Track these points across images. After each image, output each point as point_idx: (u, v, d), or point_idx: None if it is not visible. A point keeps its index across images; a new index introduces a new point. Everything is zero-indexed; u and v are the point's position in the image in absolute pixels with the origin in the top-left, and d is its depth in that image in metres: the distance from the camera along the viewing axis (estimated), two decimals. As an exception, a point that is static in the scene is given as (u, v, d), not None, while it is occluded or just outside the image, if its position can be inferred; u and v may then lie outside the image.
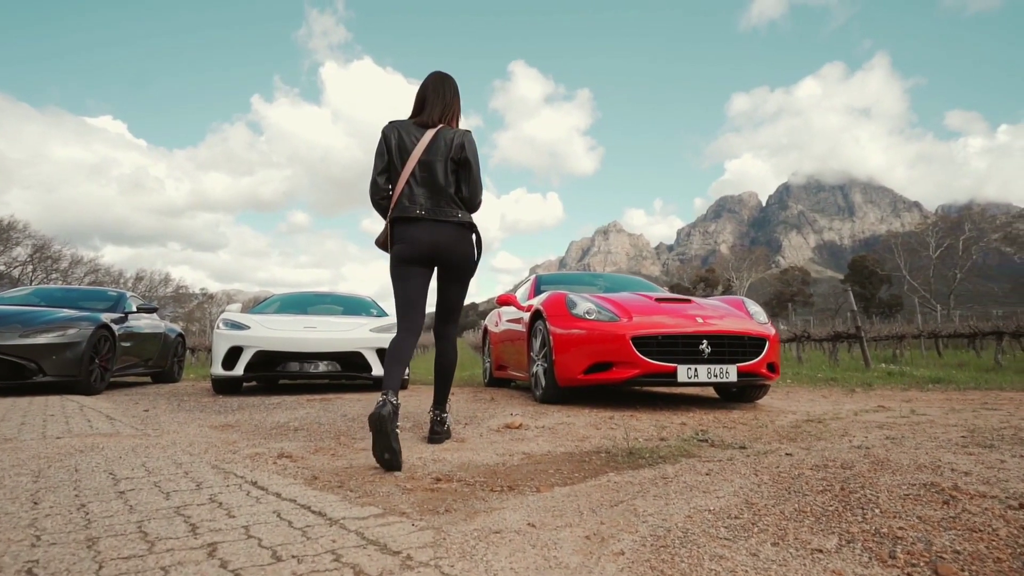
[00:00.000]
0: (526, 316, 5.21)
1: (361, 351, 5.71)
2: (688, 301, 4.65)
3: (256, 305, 7.14)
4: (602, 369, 4.11)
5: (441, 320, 3.02)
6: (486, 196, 3.14)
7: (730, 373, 4.00)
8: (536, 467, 2.38)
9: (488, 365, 6.98)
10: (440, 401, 3.01)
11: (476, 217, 2.96)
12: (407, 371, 6.14)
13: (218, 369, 5.55)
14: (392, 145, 2.80)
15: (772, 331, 4.34)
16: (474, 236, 2.92)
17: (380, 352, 5.81)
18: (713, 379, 3.96)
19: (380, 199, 2.86)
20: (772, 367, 4.30)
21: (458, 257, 2.84)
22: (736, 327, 4.18)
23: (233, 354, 5.54)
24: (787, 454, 2.49)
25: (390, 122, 2.87)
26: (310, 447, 2.77)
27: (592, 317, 4.25)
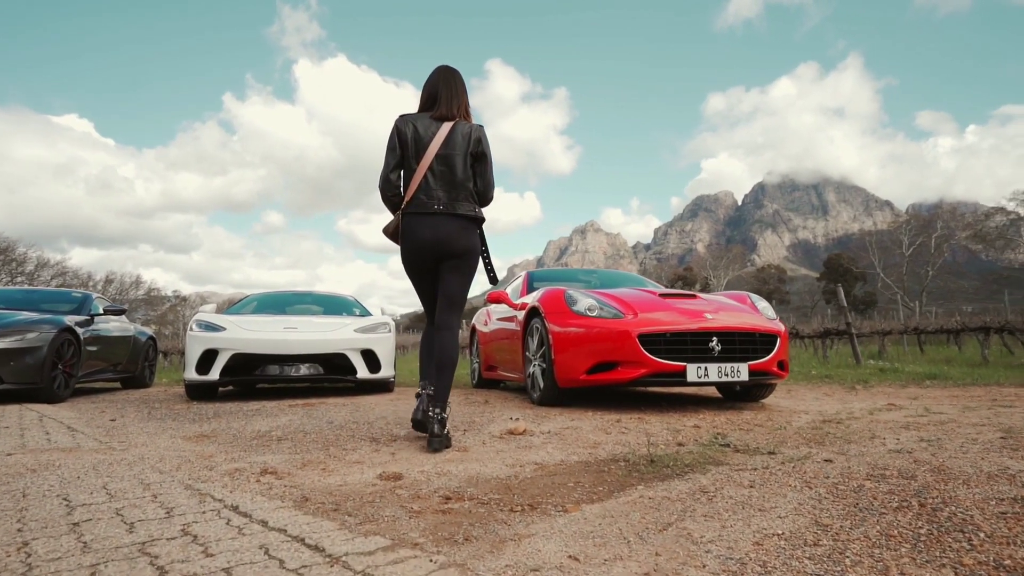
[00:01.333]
0: (520, 314, 4.95)
1: (345, 352, 5.40)
2: (693, 296, 4.43)
3: (231, 306, 6.77)
4: (606, 369, 3.88)
5: (441, 309, 2.86)
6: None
7: (741, 372, 3.79)
8: (552, 480, 2.13)
9: (477, 365, 6.72)
10: (439, 399, 2.71)
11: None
12: (392, 373, 5.84)
13: (192, 374, 5.20)
14: (408, 138, 2.75)
15: (782, 327, 4.15)
16: (479, 231, 2.90)
17: (365, 353, 5.51)
18: (724, 378, 3.75)
19: (392, 195, 2.81)
20: (782, 365, 4.10)
21: (458, 248, 2.79)
22: (746, 323, 3.97)
23: (208, 357, 5.19)
24: (826, 460, 2.28)
25: (402, 116, 2.82)
26: (297, 461, 2.48)
27: (594, 314, 4.01)
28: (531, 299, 4.71)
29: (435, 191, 2.73)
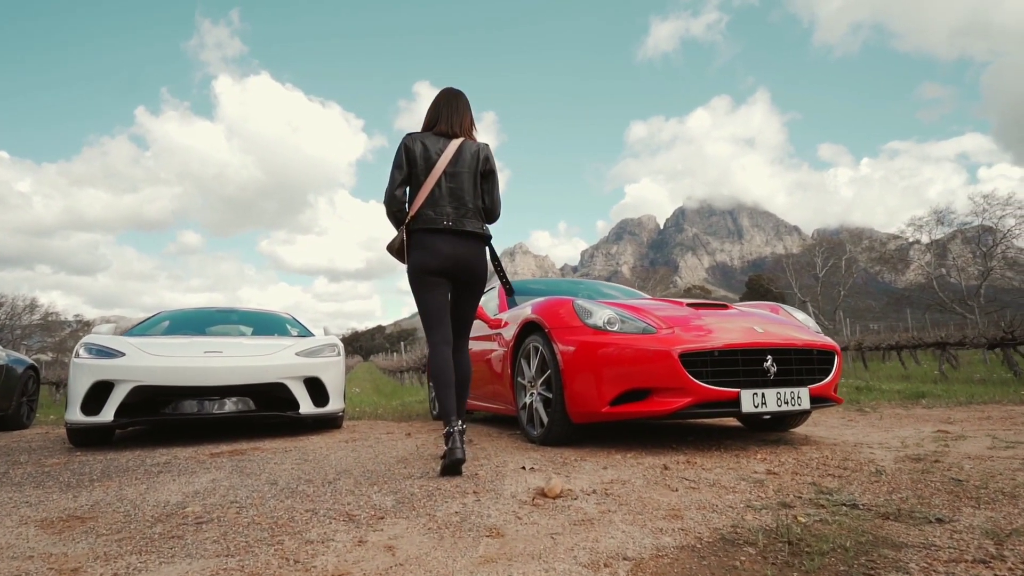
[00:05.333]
0: (508, 331, 4.07)
1: (284, 382, 4.29)
2: (726, 307, 3.69)
3: (136, 326, 5.45)
4: (636, 399, 3.05)
5: (457, 333, 2.94)
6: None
7: (802, 398, 3.05)
8: (681, 597, 1.26)
9: (438, 394, 5.73)
10: (460, 411, 2.77)
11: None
12: (342, 406, 4.73)
13: (76, 414, 3.95)
14: (416, 155, 2.79)
15: (836, 343, 3.46)
16: (488, 249, 2.95)
17: (309, 382, 4.42)
18: (783, 407, 3.00)
19: (397, 210, 2.83)
20: (836, 389, 3.42)
21: (476, 273, 2.87)
22: (801, 338, 3.25)
23: (99, 392, 3.96)
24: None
25: (409, 134, 2.86)
26: (231, 573, 1.48)
27: (616, 328, 3.18)
28: (523, 312, 3.84)
29: (443, 207, 2.77)
